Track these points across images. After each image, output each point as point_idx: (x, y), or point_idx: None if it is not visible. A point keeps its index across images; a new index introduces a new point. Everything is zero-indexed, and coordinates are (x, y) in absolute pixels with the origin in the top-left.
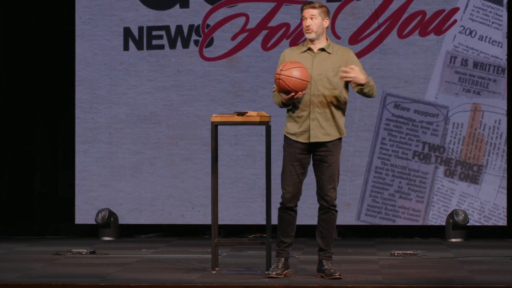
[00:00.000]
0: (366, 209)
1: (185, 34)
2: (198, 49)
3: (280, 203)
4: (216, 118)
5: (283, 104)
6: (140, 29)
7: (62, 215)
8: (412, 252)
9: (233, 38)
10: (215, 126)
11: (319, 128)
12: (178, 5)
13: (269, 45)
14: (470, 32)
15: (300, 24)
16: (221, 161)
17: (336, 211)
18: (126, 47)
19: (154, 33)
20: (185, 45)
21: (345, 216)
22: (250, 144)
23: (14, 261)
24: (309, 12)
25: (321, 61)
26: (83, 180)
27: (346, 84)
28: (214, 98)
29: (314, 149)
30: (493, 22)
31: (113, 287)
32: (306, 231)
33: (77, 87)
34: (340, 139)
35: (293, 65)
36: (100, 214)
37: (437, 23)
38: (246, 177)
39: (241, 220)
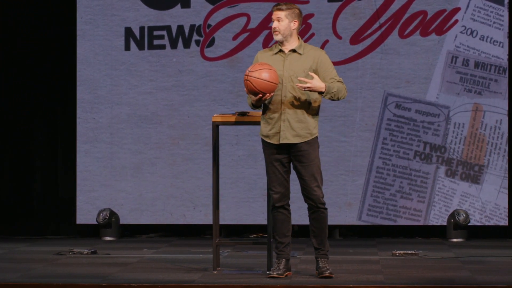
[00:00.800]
0: (368, 209)
1: (186, 34)
2: (199, 49)
3: (272, 205)
4: (217, 118)
5: (253, 106)
6: (141, 29)
7: (63, 215)
8: (413, 252)
9: (234, 38)
10: (216, 126)
11: (290, 129)
12: (179, 5)
13: (270, 45)
14: (471, 32)
15: (301, 24)
16: (222, 161)
17: (325, 208)
18: (127, 47)
19: (155, 33)
20: (186, 45)
21: (347, 216)
22: (251, 144)
23: (15, 261)
24: (276, 14)
25: (292, 62)
26: (84, 180)
27: None
28: (215, 98)
29: (288, 149)
30: (494, 22)
31: (114, 287)
32: (307, 231)
33: (78, 87)
34: (315, 137)
35: (261, 67)
36: (101, 214)
37: (438, 23)
38: (247, 177)
39: (242, 220)
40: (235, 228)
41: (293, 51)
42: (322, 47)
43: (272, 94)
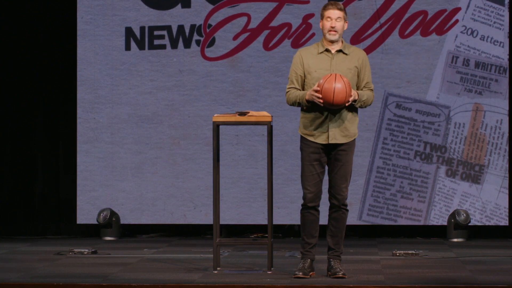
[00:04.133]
0: (368, 209)
1: (187, 34)
2: (199, 49)
3: (302, 204)
4: (217, 118)
5: (298, 105)
6: (142, 29)
7: (64, 215)
8: (413, 252)
9: (235, 38)
10: (216, 126)
11: (338, 129)
12: (179, 5)
13: (270, 45)
14: (472, 32)
15: (302, 24)
16: (222, 161)
17: (347, 210)
18: (127, 47)
19: (155, 33)
20: (187, 45)
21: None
22: (251, 144)
23: (16, 261)
24: (335, 13)
25: (339, 63)
26: (85, 180)
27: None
28: (215, 98)
29: (331, 149)
30: (494, 22)
31: (114, 287)
32: None
33: (79, 87)
34: (355, 140)
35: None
36: (101, 214)
37: (439, 23)
38: (247, 177)
39: (242, 220)
40: (235, 228)
41: (339, 51)
42: None
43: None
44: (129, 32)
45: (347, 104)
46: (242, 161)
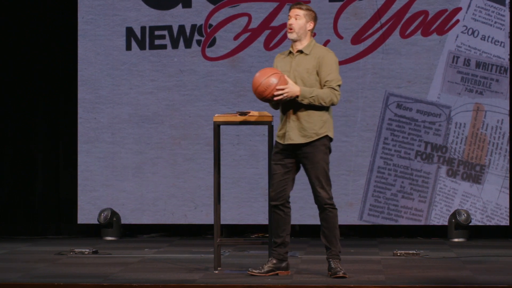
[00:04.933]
0: (369, 209)
1: (188, 34)
2: (200, 49)
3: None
4: (218, 118)
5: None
6: (143, 29)
7: (64, 215)
8: (414, 252)
9: (236, 38)
10: (217, 126)
11: (294, 130)
12: (180, 5)
13: (271, 45)
14: (473, 32)
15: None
16: (223, 161)
17: (334, 208)
18: (128, 47)
19: (156, 33)
20: (188, 45)
21: (348, 216)
22: (252, 144)
23: (16, 261)
24: (294, 11)
25: (298, 63)
26: (86, 180)
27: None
28: (216, 98)
29: (294, 150)
30: (495, 22)
31: (115, 287)
32: (309, 231)
33: (80, 87)
34: (321, 138)
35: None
36: (102, 214)
37: (440, 23)
38: (248, 177)
39: (243, 220)
40: (236, 228)
41: (300, 51)
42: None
43: (284, 95)
44: (130, 32)
45: (275, 99)
46: (243, 161)
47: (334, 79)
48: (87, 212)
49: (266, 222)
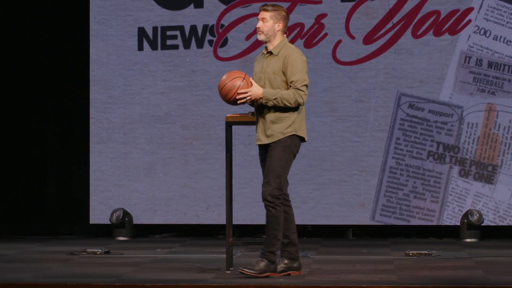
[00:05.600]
0: (381, 209)
1: (200, 34)
2: (212, 49)
3: None
4: (230, 118)
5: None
6: (155, 29)
7: (77, 215)
8: (426, 252)
9: (247, 38)
10: (229, 126)
11: (262, 130)
12: (192, 5)
13: None
14: (485, 32)
15: (315, 24)
16: (235, 161)
17: (273, 207)
18: (140, 47)
19: (168, 33)
20: (200, 45)
21: (360, 216)
22: None
23: (29, 261)
24: (261, 14)
25: (268, 64)
26: (98, 180)
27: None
28: None
29: (266, 150)
30: (507, 22)
31: (127, 287)
32: (321, 231)
33: (92, 87)
34: (287, 137)
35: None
36: (114, 214)
37: (452, 23)
38: (260, 177)
39: (255, 220)
40: (248, 228)
41: (270, 53)
42: (335, 47)
43: (247, 96)
44: (141, 32)
45: (238, 102)
46: (255, 161)
47: (299, 79)
48: (99, 212)
49: None
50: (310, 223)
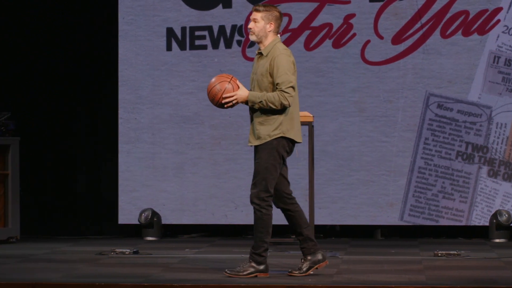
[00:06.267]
0: (409, 209)
1: (228, 34)
2: (240, 49)
3: None
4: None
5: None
6: (183, 29)
7: (105, 215)
8: (455, 252)
9: None
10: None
11: (252, 132)
12: (220, 5)
13: (311, 45)
14: None
15: (343, 24)
16: None
17: (260, 210)
18: (169, 48)
19: (196, 33)
20: (228, 45)
21: (388, 217)
22: None
23: (58, 261)
24: (253, 15)
25: (258, 65)
26: (126, 180)
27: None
28: None
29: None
30: None
31: (156, 287)
32: (350, 231)
33: (120, 88)
34: (272, 140)
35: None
36: (143, 214)
37: (480, 23)
38: (289, 178)
39: (284, 221)
40: (277, 228)
41: (261, 53)
42: (364, 47)
43: (232, 99)
44: (170, 32)
45: (225, 106)
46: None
47: (284, 81)
48: (128, 213)
49: None
50: (339, 223)
